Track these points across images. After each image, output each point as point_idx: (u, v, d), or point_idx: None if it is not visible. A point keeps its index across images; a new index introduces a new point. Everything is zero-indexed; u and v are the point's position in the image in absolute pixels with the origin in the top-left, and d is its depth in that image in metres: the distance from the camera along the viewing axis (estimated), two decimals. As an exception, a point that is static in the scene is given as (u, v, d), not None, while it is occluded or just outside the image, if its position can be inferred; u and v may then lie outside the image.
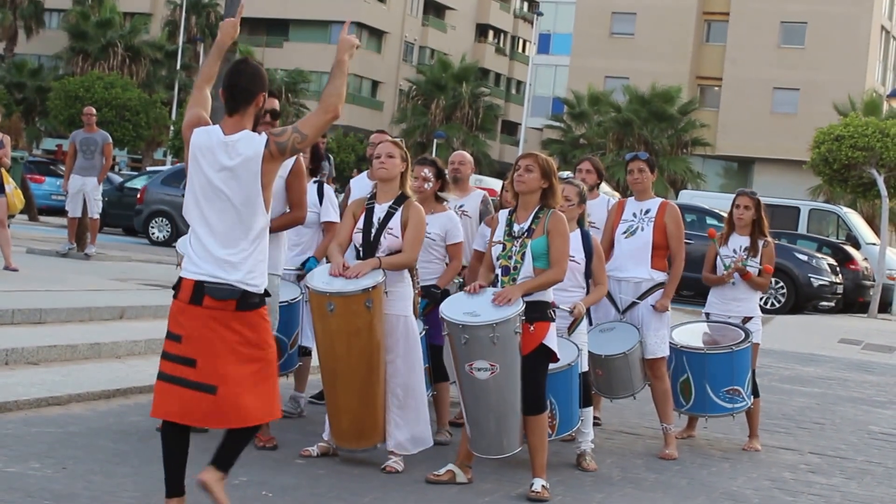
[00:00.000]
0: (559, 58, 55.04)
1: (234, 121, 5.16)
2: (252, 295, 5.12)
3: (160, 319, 10.42)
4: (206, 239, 5.13)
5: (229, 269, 5.09)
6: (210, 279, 5.08)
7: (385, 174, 6.60)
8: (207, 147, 5.13)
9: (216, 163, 5.10)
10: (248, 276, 5.11)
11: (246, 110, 5.16)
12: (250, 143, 5.09)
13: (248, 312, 5.12)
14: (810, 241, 23.14)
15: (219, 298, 5.06)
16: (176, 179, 23.65)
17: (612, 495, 6.52)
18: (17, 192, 13.65)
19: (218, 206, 5.12)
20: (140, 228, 23.75)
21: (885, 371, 13.84)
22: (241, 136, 5.11)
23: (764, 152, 48.12)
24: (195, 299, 5.09)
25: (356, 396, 6.44)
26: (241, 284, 5.09)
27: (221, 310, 5.07)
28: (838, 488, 7.27)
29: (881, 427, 9.83)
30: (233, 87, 5.16)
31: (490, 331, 6.07)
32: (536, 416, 6.28)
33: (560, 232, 6.30)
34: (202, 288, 5.08)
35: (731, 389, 7.98)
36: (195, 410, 5.09)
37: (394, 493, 6.04)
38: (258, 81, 5.18)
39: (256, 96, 5.17)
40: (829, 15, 47.63)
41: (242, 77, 5.17)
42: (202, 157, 5.14)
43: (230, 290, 5.07)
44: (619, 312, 7.75)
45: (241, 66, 5.22)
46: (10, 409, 7.00)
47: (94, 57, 53.56)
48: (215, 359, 5.08)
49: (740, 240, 8.32)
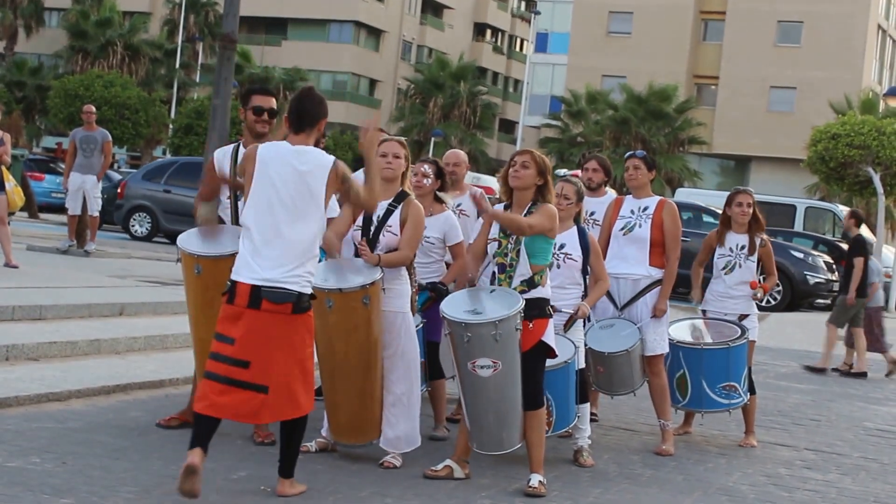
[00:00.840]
0: (556, 57, 55.03)
1: (300, 138, 5.63)
2: (306, 297, 5.50)
3: (159, 316, 10.50)
4: (264, 244, 5.45)
5: (285, 272, 5.42)
6: (267, 284, 5.41)
7: (391, 174, 6.64)
8: (277, 156, 5.54)
9: (288, 168, 5.50)
10: (303, 280, 5.47)
11: (311, 132, 5.65)
12: (321, 155, 5.61)
13: (301, 315, 5.48)
14: (806, 239, 23.20)
15: (277, 302, 5.39)
16: (157, 174, 23.64)
17: (609, 491, 6.54)
18: (18, 190, 13.70)
19: (283, 211, 5.48)
20: (120, 223, 23.67)
21: (880, 368, 13.89)
22: (310, 148, 5.62)
23: (760, 150, 48.15)
24: (253, 303, 5.40)
25: (354, 392, 6.47)
26: (297, 288, 5.43)
27: (279, 313, 5.40)
28: (833, 484, 7.31)
29: (876, 423, 9.87)
30: (300, 110, 5.65)
31: (493, 328, 6.10)
32: (534, 412, 6.31)
33: (543, 212, 6.32)
34: (259, 292, 5.38)
35: (727, 385, 8.01)
36: (246, 408, 5.46)
37: (392, 488, 6.07)
38: (322, 108, 5.71)
39: (320, 121, 5.69)
40: (826, 14, 47.66)
41: (312, 103, 5.69)
42: (271, 165, 5.52)
43: (287, 293, 5.41)
44: (617, 309, 7.78)
45: (310, 93, 5.75)
46: (10, 405, 7.02)
47: (94, 55, 53.66)
48: (269, 360, 5.41)
49: (737, 238, 8.35)
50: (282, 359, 5.44)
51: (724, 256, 8.34)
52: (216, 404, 5.43)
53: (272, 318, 5.41)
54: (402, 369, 6.56)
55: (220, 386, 5.43)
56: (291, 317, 5.44)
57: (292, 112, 5.68)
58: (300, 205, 5.50)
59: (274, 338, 5.42)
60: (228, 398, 5.42)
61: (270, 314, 5.41)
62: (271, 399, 5.45)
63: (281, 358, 5.44)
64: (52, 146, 51.00)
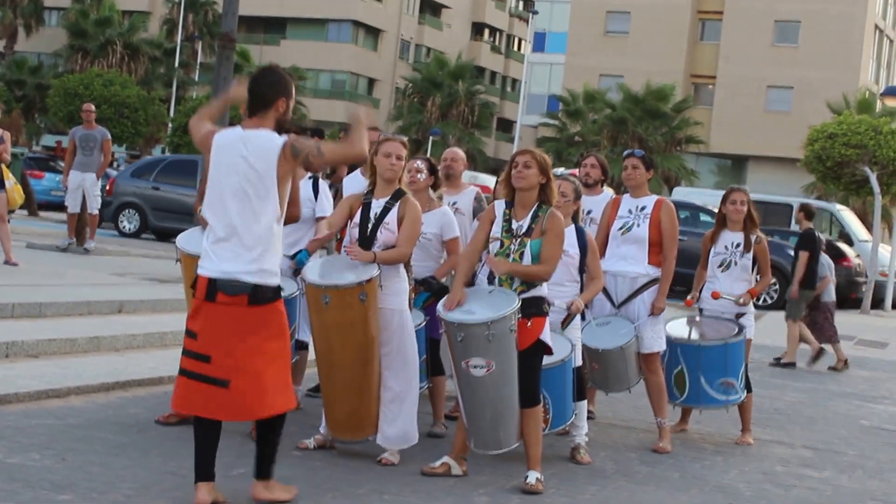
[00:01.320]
0: (554, 56, 55.06)
1: (253, 122, 5.36)
2: (264, 289, 5.27)
3: (158, 313, 10.52)
4: (220, 235, 5.30)
5: (241, 264, 5.25)
6: (222, 276, 5.25)
7: (392, 175, 6.65)
8: (227, 143, 5.34)
9: (236, 157, 5.28)
10: (260, 272, 5.26)
11: (265, 114, 5.35)
12: (269, 139, 5.30)
13: (261, 307, 5.27)
14: (803, 239, 23.16)
15: (230, 294, 5.23)
16: (146, 171, 23.69)
17: (606, 488, 6.56)
18: (17, 188, 13.76)
19: (233, 201, 5.28)
20: (109, 220, 23.74)
21: (876, 366, 13.93)
22: (260, 132, 5.32)
23: (757, 150, 48.18)
24: (209, 296, 5.27)
25: (351, 388, 6.49)
26: (251, 279, 5.24)
27: (234, 305, 5.23)
28: (830, 481, 7.33)
29: (872, 421, 9.90)
30: (252, 91, 5.37)
31: (485, 329, 6.12)
32: (532, 409, 6.33)
33: (556, 233, 6.35)
34: (215, 285, 5.25)
35: (725, 381, 8.03)
36: (211, 403, 5.28)
37: (390, 485, 6.08)
38: (278, 88, 5.37)
39: (275, 101, 5.35)
40: (823, 14, 47.69)
41: (263, 83, 5.37)
42: (222, 154, 5.33)
43: (241, 285, 5.24)
44: (614, 307, 7.81)
45: (264, 73, 5.43)
46: (10, 402, 7.04)
47: (94, 54, 53.77)
48: (228, 354, 5.24)
49: (732, 236, 8.37)
50: (243, 353, 5.23)
51: (720, 255, 8.36)
52: (185, 399, 5.34)
53: (228, 310, 5.24)
54: (399, 366, 6.58)
55: (187, 381, 5.32)
56: (249, 309, 5.24)
57: (248, 93, 5.42)
58: (251, 194, 5.26)
59: (233, 331, 5.23)
60: (197, 394, 5.28)
61: (226, 307, 5.23)
62: (233, 395, 5.23)
63: (242, 352, 5.23)
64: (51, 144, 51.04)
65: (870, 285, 22.80)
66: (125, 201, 23.37)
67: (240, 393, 5.24)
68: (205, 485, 5.31)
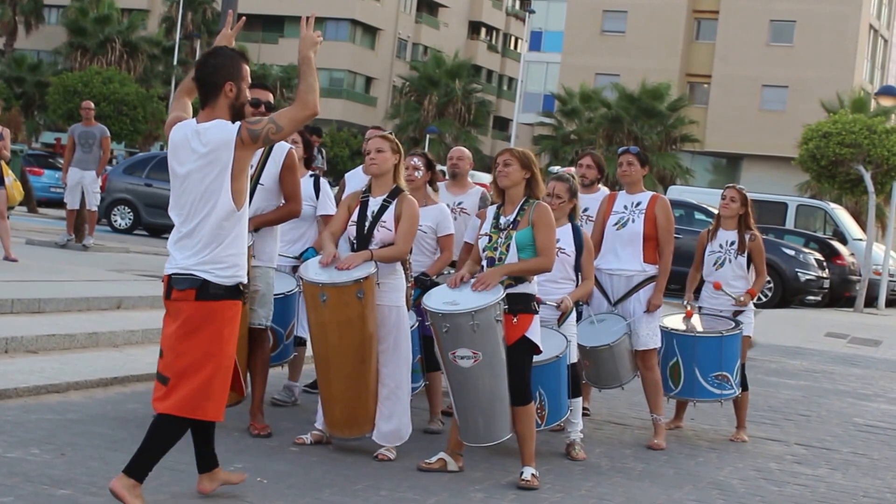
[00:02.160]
0: (551, 55, 55.08)
1: (206, 112, 5.10)
2: (215, 286, 5.02)
3: (156, 309, 10.50)
4: (180, 231, 5.10)
5: (192, 257, 5.04)
6: (176, 271, 5.06)
7: (376, 170, 6.67)
8: (183, 137, 5.10)
9: (189, 151, 5.05)
10: (212, 266, 5.03)
11: (216, 102, 5.07)
12: (222, 129, 5.01)
13: (209, 303, 5.02)
14: (797, 237, 23.26)
15: (180, 289, 5.03)
16: (138, 168, 23.72)
17: (601, 484, 6.59)
18: (17, 185, 13.79)
19: (189, 196, 5.06)
20: (102, 216, 23.77)
21: (870, 364, 13.97)
22: (212, 123, 5.04)
23: (752, 149, 48.23)
24: (167, 293, 5.12)
25: (348, 385, 6.51)
26: (202, 273, 5.02)
27: (183, 300, 5.03)
28: (823, 479, 7.36)
29: (866, 419, 9.92)
30: (198, 80, 5.12)
31: (469, 318, 6.12)
32: (523, 407, 6.34)
33: (545, 223, 6.36)
34: (171, 281, 5.08)
35: (719, 375, 8.06)
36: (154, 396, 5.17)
37: (386, 480, 6.11)
38: (222, 72, 5.06)
39: (222, 87, 5.06)
40: (818, 13, 47.74)
41: (206, 69, 5.09)
42: (179, 148, 5.10)
43: (190, 279, 5.02)
44: (611, 304, 7.85)
45: (207, 59, 5.14)
46: (9, 397, 7.07)
47: (93, 52, 53.80)
48: (170, 349, 5.09)
49: (727, 234, 8.40)
50: (186, 350, 5.02)
51: (715, 253, 8.39)
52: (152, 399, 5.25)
53: (178, 305, 5.03)
54: (395, 363, 6.61)
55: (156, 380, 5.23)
56: (197, 304, 4.99)
57: (194, 81, 5.16)
58: (206, 187, 5.00)
59: (179, 326, 5.03)
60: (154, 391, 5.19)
61: (178, 302, 5.03)
62: (169, 390, 5.04)
63: (185, 349, 5.02)
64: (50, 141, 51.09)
65: (863, 284, 22.86)
66: (118, 198, 23.42)
67: (174, 391, 5.05)
68: (206, 475, 5.40)
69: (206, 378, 5.04)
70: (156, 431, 5.10)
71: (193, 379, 5.02)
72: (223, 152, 4.99)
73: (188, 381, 5.02)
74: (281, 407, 7.83)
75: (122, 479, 5.02)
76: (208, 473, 5.44)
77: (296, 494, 5.67)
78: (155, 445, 5.09)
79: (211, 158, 5.01)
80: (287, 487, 5.79)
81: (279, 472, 6.06)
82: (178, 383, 5.04)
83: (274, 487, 5.76)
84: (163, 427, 5.09)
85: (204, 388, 5.05)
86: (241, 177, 5.06)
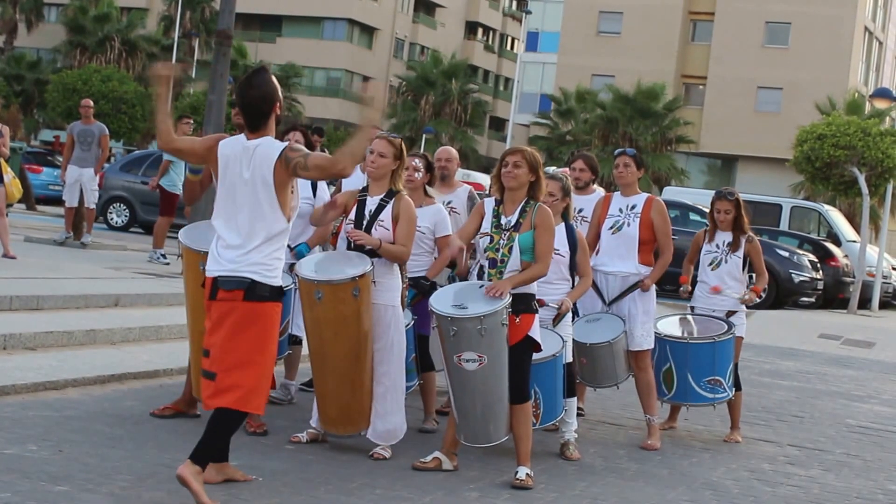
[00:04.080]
0: (547, 55, 55.11)
1: (257, 133, 5.45)
2: (261, 286, 5.34)
3: (154, 307, 10.57)
4: (227, 239, 5.40)
5: (241, 261, 5.35)
6: (223, 273, 5.37)
7: (374, 173, 6.71)
8: (233, 154, 5.44)
9: (239, 167, 5.40)
10: (259, 269, 5.35)
11: (267, 123, 5.44)
12: (269, 146, 5.41)
13: (257, 304, 5.33)
14: (792, 238, 23.32)
15: (228, 289, 5.33)
16: (135, 166, 23.74)
17: (595, 484, 6.61)
18: (16, 182, 13.80)
19: (239, 209, 5.39)
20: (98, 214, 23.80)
21: (863, 366, 14.00)
22: (261, 141, 5.42)
23: (747, 150, 48.29)
24: (212, 294, 5.39)
25: (344, 383, 6.53)
26: (250, 274, 5.34)
27: (231, 301, 5.32)
28: (816, 480, 7.38)
29: (859, 420, 9.95)
30: (247, 106, 5.43)
31: (478, 323, 6.17)
32: (521, 405, 6.39)
33: (547, 227, 6.41)
34: (216, 283, 5.37)
35: (712, 380, 8.07)
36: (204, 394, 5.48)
37: (381, 479, 6.13)
38: (272, 99, 5.43)
39: (272, 110, 5.43)
40: (813, 16, 47.80)
41: (255, 98, 5.41)
42: (230, 163, 5.44)
43: (239, 280, 5.33)
44: (605, 304, 7.87)
45: (253, 87, 5.42)
46: (7, 393, 7.08)
47: (92, 50, 53.86)
48: (218, 347, 5.35)
49: (724, 235, 8.43)
50: (235, 348, 5.34)
51: (711, 253, 8.41)
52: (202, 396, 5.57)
53: (225, 305, 5.35)
54: (390, 362, 6.63)
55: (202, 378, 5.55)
56: (245, 304, 5.32)
57: (241, 108, 5.48)
58: (256, 201, 5.39)
59: (226, 326, 5.34)
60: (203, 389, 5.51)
61: (224, 303, 5.35)
62: (219, 386, 5.36)
63: (234, 347, 5.34)
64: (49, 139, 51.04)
65: (857, 285, 22.92)
66: (114, 195, 23.44)
67: (220, 384, 5.35)
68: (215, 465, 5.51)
69: (256, 375, 5.37)
70: (216, 424, 5.37)
71: (244, 375, 5.33)
72: (267, 168, 5.37)
73: (239, 377, 5.33)
74: (277, 405, 7.85)
75: (189, 466, 5.25)
76: (217, 464, 5.57)
77: (291, 492, 5.69)
78: (216, 437, 5.38)
79: (257, 174, 5.37)
80: (282, 485, 5.81)
81: (275, 470, 6.07)
82: (229, 379, 5.33)
83: (269, 485, 5.78)
84: (222, 420, 5.38)
85: (255, 385, 5.37)
86: (284, 190, 5.41)
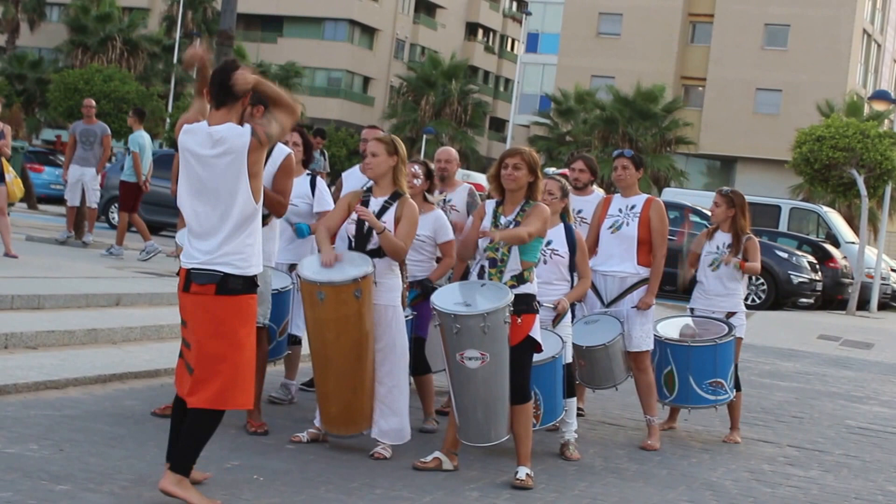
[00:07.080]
0: (547, 56, 55.13)
1: (220, 114, 5.29)
2: (234, 278, 5.24)
3: (155, 306, 10.57)
4: (196, 229, 5.30)
5: (212, 254, 5.24)
6: (195, 265, 5.27)
7: (371, 174, 6.72)
8: (195, 141, 5.29)
9: (202, 155, 5.25)
10: (231, 259, 5.24)
11: (232, 106, 5.28)
12: (235, 134, 5.22)
13: (229, 297, 5.23)
14: (791, 240, 23.33)
15: (200, 283, 5.24)
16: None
17: (595, 484, 6.63)
18: (17, 181, 13.81)
19: (205, 196, 5.26)
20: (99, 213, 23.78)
21: (862, 367, 14.02)
22: (225, 127, 5.24)
23: (746, 151, 48.31)
24: (186, 286, 5.30)
25: (345, 383, 6.54)
26: (221, 268, 5.23)
27: (203, 294, 5.23)
28: (815, 480, 7.40)
29: (858, 421, 9.96)
30: (221, 84, 5.28)
31: (481, 320, 6.18)
32: (522, 406, 6.40)
33: (537, 214, 6.44)
34: (189, 275, 5.28)
35: (714, 382, 8.09)
36: (183, 387, 5.35)
37: (381, 478, 6.14)
38: (229, 69, 5.27)
39: (244, 96, 5.30)
40: (812, 17, 47.82)
41: (230, 76, 5.26)
42: (190, 151, 5.30)
43: (210, 274, 5.23)
44: (604, 305, 7.89)
45: (231, 66, 5.32)
46: (9, 392, 7.09)
47: (94, 50, 53.88)
48: (198, 341, 5.27)
49: (724, 236, 8.46)
50: (209, 344, 5.23)
51: (711, 254, 8.44)
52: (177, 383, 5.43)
53: (197, 299, 5.26)
54: (392, 362, 6.64)
55: (179, 366, 5.43)
56: (217, 299, 5.22)
57: (212, 86, 5.32)
58: (222, 188, 5.25)
59: (199, 320, 5.26)
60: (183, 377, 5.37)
61: (197, 296, 5.26)
62: (196, 384, 5.23)
63: (208, 343, 5.23)
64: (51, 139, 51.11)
65: (856, 287, 22.94)
66: (116, 195, 23.41)
67: (198, 381, 5.24)
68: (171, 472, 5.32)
69: (232, 370, 5.24)
70: (192, 426, 5.25)
71: (220, 372, 5.22)
72: (238, 156, 5.20)
73: (215, 374, 5.22)
74: (278, 405, 7.87)
75: (169, 477, 5.18)
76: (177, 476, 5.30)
77: (292, 492, 5.70)
78: (194, 439, 5.26)
79: (224, 161, 5.22)
80: (283, 485, 5.82)
81: (276, 470, 6.08)
82: (205, 376, 5.23)
83: (270, 485, 5.79)
84: (198, 421, 5.25)
85: (231, 380, 5.24)
86: (258, 177, 5.29)
